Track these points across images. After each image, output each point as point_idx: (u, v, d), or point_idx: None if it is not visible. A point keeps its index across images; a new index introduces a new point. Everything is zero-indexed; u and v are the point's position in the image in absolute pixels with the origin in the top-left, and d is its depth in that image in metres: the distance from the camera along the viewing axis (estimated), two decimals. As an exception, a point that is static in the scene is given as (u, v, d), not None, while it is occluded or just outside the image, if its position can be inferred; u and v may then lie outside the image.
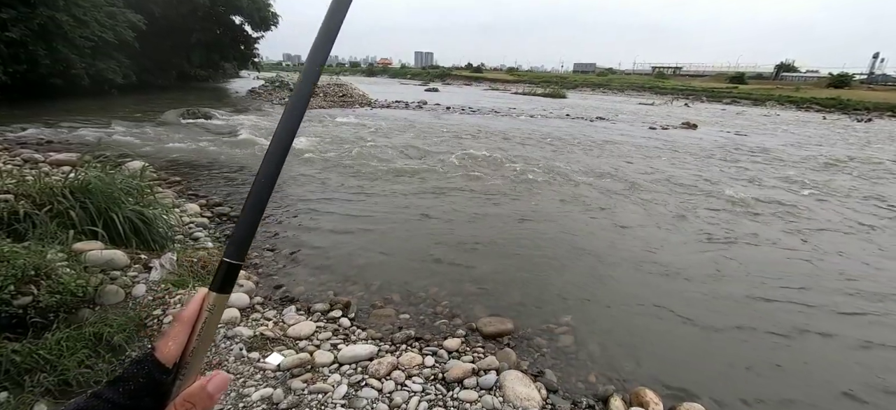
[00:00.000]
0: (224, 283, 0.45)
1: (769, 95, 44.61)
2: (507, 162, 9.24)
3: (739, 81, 59.83)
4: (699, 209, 6.73)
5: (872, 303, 4.07)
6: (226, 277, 0.45)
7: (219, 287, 0.45)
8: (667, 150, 12.28)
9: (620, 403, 2.52)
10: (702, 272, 4.52)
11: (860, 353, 3.32)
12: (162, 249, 3.64)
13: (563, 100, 37.94)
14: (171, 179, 6.44)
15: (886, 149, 15.28)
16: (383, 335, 3.02)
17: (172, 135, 10.20)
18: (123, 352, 2.42)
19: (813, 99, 41.32)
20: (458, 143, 11.49)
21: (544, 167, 8.95)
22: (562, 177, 8.23)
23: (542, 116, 21.14)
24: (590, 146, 12.33)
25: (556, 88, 47.30)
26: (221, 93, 25.24)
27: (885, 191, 8.67)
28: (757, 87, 52.73)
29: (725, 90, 50.18)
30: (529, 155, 10.32)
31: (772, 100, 42.73)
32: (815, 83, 57.75)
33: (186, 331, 0.45)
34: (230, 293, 0.46)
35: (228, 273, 0.45)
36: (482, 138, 12.77)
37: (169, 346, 0.44)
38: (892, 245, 5.65)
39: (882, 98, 40.66)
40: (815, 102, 39.95)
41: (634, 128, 18.00)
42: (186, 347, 0.45)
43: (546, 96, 40.53)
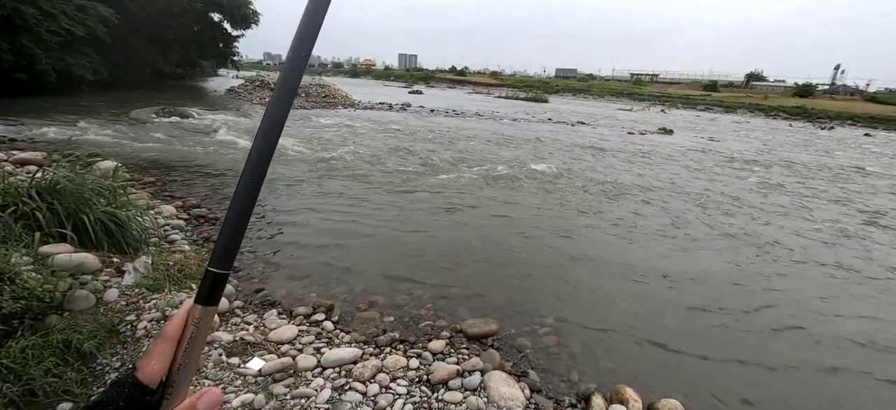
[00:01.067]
0: (210, 295, 0.43)
1: (740, 103, 46.60)
2: (490, 165, 9.32)
3: (712, 89, 62.25)
4: (676, 212, 6.95)
5: (842, 305, 4.30)
6: (212, 288, 0.43)
7: (205, 299, 0.43)
8: (644, 155, 12.64)
9: (601, 401, 2.57)
10: (678, 273, 4.67)
11: (830, 349, 3.50)
12: (136, 252, 3.51)
13: (546, 104, 38.57)
14: (146, 180, 6.21)
15: (852, 156, 16.17)
16: (367, 338, 3.00)
17: (146, 134, 9.84)
18: (94, 360, 2.32)
19: (780, 107, 43.39)
20: (442, 146, 11.52)
21: (527, 170, 9.07)
22: (544, 181, 8.36)
23: (524, 120, 21.42)
24: (571, 150, 12.57)
25: (538, 93, 48.12)
26: (199, 91, 24.53)
27: (852, 196, 9.17)
28: (729, 95, 54.98)
29: (699, 97, 52.13)
30: (512, 157, 10.44)
31: (743, 107, 44.65)
32: (782, 92, 60.68)
33: (171, 348, 0.42)
34: (217, 304, 0.44)
35: (215, 283, 0.43)
36: (466, 141, 12.83)
37: (152, 365, 0.41)
38: (861, 257, 5.98)
39: (842, 107, 43.15)
40: (783, 110, 41.96)
41: (614, 132, 18.46)
42: (172, 364, 0.42)
43: (529, 100, 41.12)
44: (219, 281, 0.43)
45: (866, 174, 12.18)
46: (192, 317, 0.43)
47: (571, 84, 69.67)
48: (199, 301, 0.43)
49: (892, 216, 7.66)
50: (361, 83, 58.19)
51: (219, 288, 0.43)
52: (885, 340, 3.65)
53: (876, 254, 5.70)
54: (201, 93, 23.28)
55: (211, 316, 0.43)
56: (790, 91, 60.12)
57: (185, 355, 0.42)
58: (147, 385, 0.40)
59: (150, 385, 0.40)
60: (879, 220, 7.33)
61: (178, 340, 0.43)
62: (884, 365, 3.31)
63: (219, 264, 0.43)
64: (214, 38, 28.01)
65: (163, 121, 11.96)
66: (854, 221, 7.18)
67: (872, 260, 5.50)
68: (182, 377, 0.42)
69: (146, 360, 0.41)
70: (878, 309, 4.22)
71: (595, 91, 59.98)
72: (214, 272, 0.43)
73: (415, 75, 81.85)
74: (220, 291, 0.44)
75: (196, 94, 22.16)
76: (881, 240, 6.31)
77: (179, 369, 0.42)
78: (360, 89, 35.94)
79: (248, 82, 24.29)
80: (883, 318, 4.03)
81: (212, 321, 0.44)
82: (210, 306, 0.43)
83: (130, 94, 17.25)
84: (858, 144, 21.74)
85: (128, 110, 12.90)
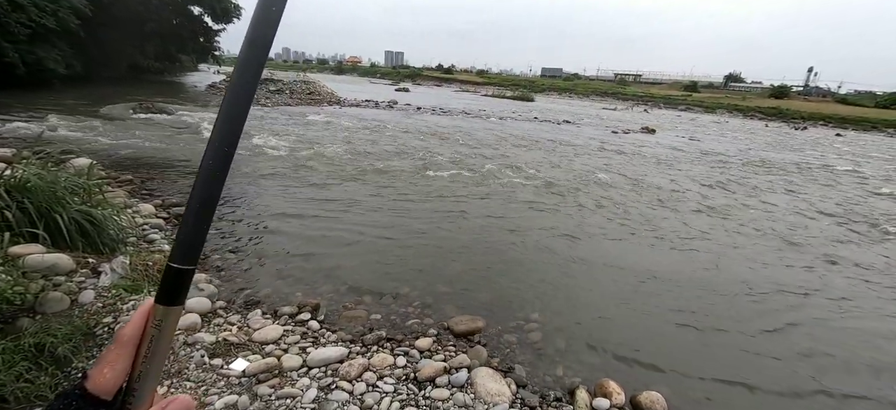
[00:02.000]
0: (173, 293, 0.38)
1: (719, 104, 47.87)
2: (477, 163, 9.35)
3: (693, 90, 63.77)
4: (658, 210, 7.11)
5: (819, 297, 4.48)
6: (174, 285, 0.38)
7: (167, 298, 0.38)
8: (628, 154, 12.88)
9: (585, 394, 2.62)
10: (660, 270, 4.78)
11: (804, 338, 3.64)
12: (113, 252, 3.41)
13: (532, 103, 38.88)
14: (122, 178, 6.02)
15: (826, 156, 16.82)
16: (354, 336, 2.98)
17: (122, 130, 9.53)
18: (69, 364, 2.25)
19: (757, 108, 44.78)
20: (429, 143, 11.50)
21: (513, 169, 9.13)
22: (529, 179, 8.43)
23: (511, 118, 21.55)
24: (556, 148, 12.71)
25: (524, 92, 48.45)
26: (178, 87, 23.86)
27: (827, 192, 9.54)
28: (708, 96, 56.42)
29: (681, 98, 53.35)
30: (499, 156, 10.50)
31: (721, 108, 45.88)
32: (758, 93, 62.63)
33: (128, 353, 0.38)
34: (183, 304, 0.39)
35: (178, 280, 0.38)
36: (452, 139, 12.84)
37: (104, 374, 0.37)
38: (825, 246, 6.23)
39: (815, 109, 44.80)
40: (759, 111, 43.32)
41: (598, 131, 18.75)
42: (132, 371, 0.38)
43: (515, 99, 41.37)
44: (182, 277, 0.39)
45: (836, 172, 12.70)
46: (153, 319, 0.38)
47: (557, 83, 70.42)
48: (161, 300, 0.38)
49: (861, 212, 8.02)
50: (347, 80, 57.54)
51: (183, 285, 0.39)
52: (856, 325, 3.83)
53: (844, 251, 5.95)
54: (181, 89, 22.66)
55: (175, 316, 0.39)
56: (766, 92, 62.11)
57: (146, 361, 0.38)
58: (98, 396, 0.36)
59: (102, 395, 0.36)
60: (842, 214, 7.66)
61: (136, 345, 0.38)
62: (869, 350, 3.47)
63: (182, 259, 0.38)
64: (195, 32, 27.24)
65: (140, 118, 11.60)
66: (818, 214, 7.48)
67: (840, 257, 5.75)
68: (144, 385, 0.38)
69: (98, 368, 0.37)
70: (860, 302, 4.41)
71: (580, 90, 60.76)
72: (176, 268, 0.38)
73: (401, 73, 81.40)
74: (184, 289, 0.39)
75: (175, 90, 21.56)
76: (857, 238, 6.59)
77: (140, 377, 0.38)
78: (345, 86, 35.55)
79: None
80: (862, 309, 4.22)
81: (176, 322, 0.40)
82: (174, 306, 0.39)
83: (105, 90, 16.67)
84: (830, 143, 22.64)
85: (102, 106, 12.45)
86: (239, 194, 6.04)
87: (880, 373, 3.28)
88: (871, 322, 4.06)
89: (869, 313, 4.23)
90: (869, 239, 6.51)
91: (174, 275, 0.38)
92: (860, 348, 3.59)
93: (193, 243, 0.39)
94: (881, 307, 4.38)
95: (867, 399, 2.99)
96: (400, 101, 25.52)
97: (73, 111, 11.21)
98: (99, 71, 19.80)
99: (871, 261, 5.60)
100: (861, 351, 3.54)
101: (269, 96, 19.70)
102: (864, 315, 4.18)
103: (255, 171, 7.29)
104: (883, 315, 4.22)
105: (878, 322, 4.07)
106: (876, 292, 4.71)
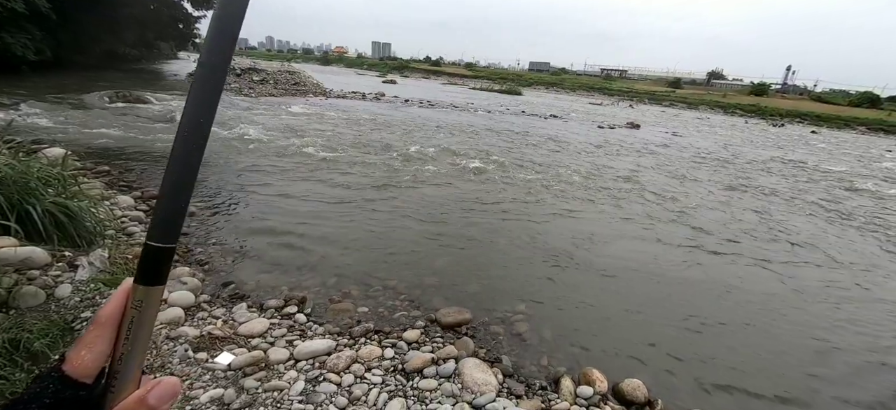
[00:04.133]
0: (154, 273, 0.37)
1: (701, 100, 48.90)
2: (463, 156, 9.36)
3: (676, 86, 64.98)
4: (641, 204, 7.26)
5: (793, 293, 4.67)
6: (153, 264, 0.37)
7: (146, 277, 0.37)
8: (613, 148, 13.08)
9: (570, 383, 2.69)
10: (642, 261, 4.90)
11: (770, 323, 3.80)
12: (90, 245, 3.31)
13: (519, 97, 38.99)
14: (99, 169, 5.82)
15: (797, 151, 17.41)
16: (342, 329, 2.98)
17: (98, 119, 9.19)
18: (46, 360, 2.18)
19: (737, 105, 45.89)
20: (416, 137, 11.45)
21: (499, 161, 9.18)
22: (516, 172, 8.49)
23: (499, 112, 21.59)
24: (543, 143, 12.81)
25: (512, 85, 48.53)
26: (156, 75, 23.10)
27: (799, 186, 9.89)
28: (691, 93, 57.53)
29: (665, 94, 54.26)
30: (485, 149, 10.53)
31: (704, 104, 46.87)
32: (739, 90, 64.21)
33: (108, 334, 0.37)
34: (163, 284, 0.38)
35: (156, 259, 0.37)
36: (440, 132, 12.81)
37: (83, 356, 0.35)
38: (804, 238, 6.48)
39: (792, 106, 46.23)
40: (739, 108, 44.41)
41: (584, 126, 18.96)
42: (114, 353, 0.37)
43: (503, 93, 41.44)
44: (162, 256, 0.37)
45: (809, 168, 13.18)
46: (133, 300, 0.37)
47: (544, 78, 70.68)
48: (140, 280, 0.37)
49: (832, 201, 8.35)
50: (333, 71, 56.59)
51: (161, 263, 0.37)
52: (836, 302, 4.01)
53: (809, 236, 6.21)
54: (160, 77, 21.94)
55: (157, 296, 0.38)
56: (747, 89, 63.70)
57: (127, 342, 0.37)
58: (76, 379, 0.35)
59: (81, 378, 0.35)
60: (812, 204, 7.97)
61: (116, 326, 0.37)
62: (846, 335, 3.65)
63: (161, 237, 0.37)
64: (174, 19, 26.38)
65: (117, 107, 11.20)
66: (798, 211, 7.77)
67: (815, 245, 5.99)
68: (127, 366, 0.37)
69: (76, 350, 0.36)
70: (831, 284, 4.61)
71: (567, 85, 61.17)
72: (155, 246, 0.37)
73: (389, 64, 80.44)
74: (165, 268, 0.38)
75: (154, 78, 20.86)
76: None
77: (122, 358, 0.37)
78: (331, 77, 34.97)
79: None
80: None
81: (158, 302, 0.38)
82: (154, 286, 0.37)
83: (79, 77, 16.02)
84: (805, 140, 23.43)
85: (77, 94, 11.97)
86: (222, 186, 5.92)
87: (858, 362, 3.45)
88: (853, 311, 4.25)
89: (853, 305, 4.43)
90: (856, 233, 6.79)
91: (153, 254, 0.37)
92: (837, 335, 3.76)
93: (172, 219, 0.38)
94: (868, 295, 4.59)
95: (843, 386, 3.14)
96: (387, 94, 25.27)
97: (46, 99, 10.75)
98: (72, 57, 19.01)
99: (856, 257, 5.85)
100: (837, 338, 3.71)
101: (253, 86, 19.25)
102: (842, 304, 4.38)
103: (239, 164, 7.14)
104: (871, 301, 4.42)
105: (866, 311, 4.27)
106: (862, 285, 4.93)
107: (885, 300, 4.60)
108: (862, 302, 4.50)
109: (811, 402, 2.94)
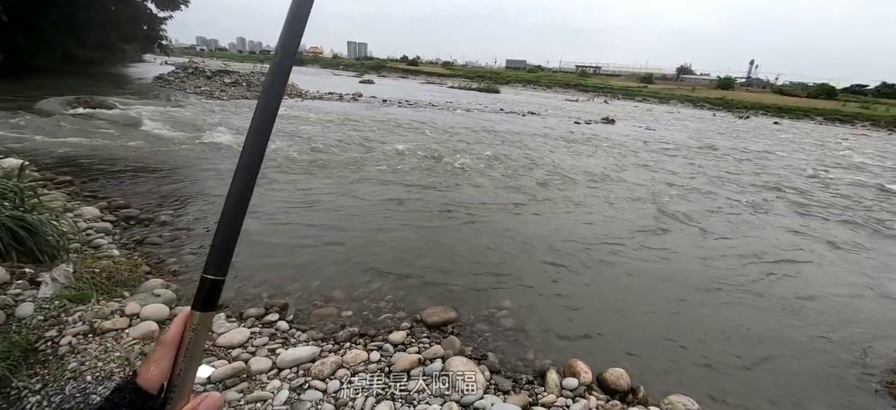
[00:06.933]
0: (207, 300, 0.45)
1: (672, 95, 50.62)
2: (443, 154, 9.36)
3: (648, 81, 67.04)
4: (621, 197, 7.45)
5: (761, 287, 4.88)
6: (208, 294, 0.45)
7: (202, 305, 0.45)
8: (590, 143, 13.36)
9: (555, 375, 2.73)
10: (620, 253, 5.02)
11: (755, 312, 3.97)
12: (53, 260, 3.13)
13: (497, 94, 39.32)
14: (60, 179, 5.50)
15: (759, 142, 18.24)
16: (326, 334, 2.93)
17: (58, 127, 8.70)
18: (8, 384, 2.05)
19: (706, 98, 47.77)
20: (394, 136, 11.37)
21: (479, 159, 9.23)
22: (496, 169, 8.56)
23: (477, 110, 21.70)
24: (520, 139, 12.96)
25: (490, 83, 48.92)
26: (120, 78, 22.05)
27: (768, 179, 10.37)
28: (662, 88, 59.49)
29: (637, 89, 55.89)
30: (465, 147, 10.56)
31: (674, 98, 48.52)
32: (707, 84, 66.81)
33: (170, 354, 0.44)
34: (215, 310, 0.46)
35: (211, 289, 0.45)
36: (419, 131, 12.76)
37: (151, 371, 0.43)
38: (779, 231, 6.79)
39: (756, 99, 48.52)
40: (707, 102, 46.24)
41: (561, 122, 19.29)
42: (173, 369, 0.44)
43: (481, 91, 41.68)
44: (214, 287, 0.45)
45: (777, 157, 13.83)
46: (190, 324, 0.44)
47: (521, 75, 71.51)
48: (197, 307, 0.45)
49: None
50: (308, 72, 55.45)
51: (215, 293, 0.45)
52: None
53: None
54: (124, 81, 20.95)
55: (208, 321, 0.45)
56: (714, 83, 66.38)
57: (185, 360, 0.44)
58: (147, 390, 0.42)
59: (150, 390, 0.42)
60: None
61: (177, 346, 0.44)
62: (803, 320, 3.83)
63: (214, 270, 0.44)
64: (137, 20, 25.19)
65: (78, 113, 10.63)
66: (771, 197, 8.16)
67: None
68: (183, 381, 0.44)
69: (145, 366, 0.43)
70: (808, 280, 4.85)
71: (544, 82, 62.11)
72: (210, 279, 0.44)
73: (366, 64, 79.53)
74: (216, 297, 0.45)
75: (118, 82, 19.90)
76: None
77: (179, 374, 0.44)
78: (307, 78, 34.26)
79: (180, 69, 22.19)
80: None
81: (209, 326, 0.46)
82: (207, 311, 0.45)
83: (36, 81, 15.10)
84: (768, 130, 24.59)
85: (33, 100, 11.29)
86: (196, 193, 5.71)
87: (835, 339, 3.64)
88: (820, 290, 4.48)
89: (818, 285, 4.67)
90: (825, 218, 7.16)
91: (209, 285, 0.44)
92: (811, 313, 3.96)
93: (226, 253, 0.45)
94: (840, 278, 4.85)
95: (820, 373, 3.31)
96: (365, 94, 24.97)
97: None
98: (29, 61, 17.89)
99: (829, 246, 6.17)
100: (811, 315, 3.91)
101: (225, 89, 18.67)
102: (809, 285, 4.61)
103: (213, 168, 6.91)
104: (837, 284, 4.68)
105: (833, 290, 4.51)
106: (839, 266, 5.21)
107: (862, 294, 4.88)
108: (848, 296, 4.75)
109: (787, 381, 3.09)
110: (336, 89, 25.75)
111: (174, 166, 6.88)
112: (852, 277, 4.98)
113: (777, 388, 2.98)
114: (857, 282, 4.83)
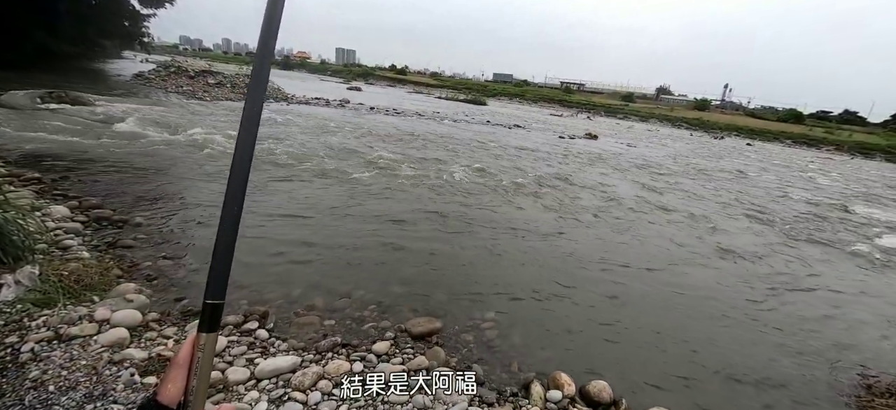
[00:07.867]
0: (212, 323, 0.49)
1: (652, 113, 52.40)
2: (430, 164, 9.38)
3: (629, 99, 69.18)
4: (603, 209, 7.59)
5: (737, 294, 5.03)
6: (212, 317, 0.49)
7: (207, 327, 0.49)
8: (574, 157, 13.63)
9: (539, 387, 2.73)
10: (604, 265, 5.10)
11: (735, 325, 4.07)
12: (17, 262, 2.96)
13: (484, 106, 39.79)
14: (28, 176, 5.24)
15: (734, 160, 19.00)
16: (307, 344, 2.85)
17: (26, 122, 8.31)
18: (-40, 393, 1.92)
19: (683, 118, 49.60)
20: (381, 144, 11.33)
21: (466, 170, 9.27)
22: (481, 181, 8.61)
23: (465, 121, 21.88)
24: (506, 151, 13.11)
25: (477, 95, 49.53)
26: (98, 75, 21.32)
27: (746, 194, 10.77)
28: (643, 106, 61.50)
29: (619, 106, 57.59)
30: (451, 158, 10.61)
31: (654, 117, 50.22)
32: (684, 105, 69.41)
33: (184, 373, 0.49)
34: (218, 331, 0.50)
35: (213, 313, 0.49)
36: (406, 140, 12.76)
37: (169, 389, 0.48)
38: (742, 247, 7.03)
39: (730, 121, 50.75)
40: (685, 121, 48.00)
41: (546, 136, 19.63)
42: (187, 386, 0.49)
43: (468, 102, 42.12)
44: (217, 310, 0.50)
45: (746, 176, 14.40)
46: (198, 345, 0.49)
47: (508, 88, 72.69)
48: (202, 329, 0.49)
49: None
50: (295, 76, 54.88)
51: (217, 315, 0.50)
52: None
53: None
54: (101, 77, 20.28)
55: (213, 341, 0.50)
56: (691, 104, 69.09)
57: (196, 379, 0.49)
58: (168, 406, 0.47)
59: (169, 405, 0.47)
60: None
61: (188, 366, 0.49)
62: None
63: (214, 295, 0.49)
64: (117, 15, 24.51)
65: (49, 108, 10.20)
66: (747, 213, 8.46)
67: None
68: (196, 398, 0.48)
69: (163, 386, 0.49)
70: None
71: (529, 96, 63.27)
72: (212, 304, 0.49)
73: (353, 71, 79.33)
74: (218, 318, 0.50)
75: (95, 78, 19.23)
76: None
77: (193, 391, 0.48)
78: (293, 83, 33.89)
79: (161, 67, 21.61)
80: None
81: (215, 346, 0.51)
82: (212, 333, 0.50)
83: (6, 77, 14.44)
84: (741, 151, 25.64)
85: (0, 93, 10.78)
86: (174, 195, 5.53)
87: (819, 355, 3.77)
88: (803, 308, 4.64)
89: (803, 302, 4.83)
90: (804, 243, 7.46)
91: (211, 309, 0.49)
92: (796, 331, 4.09)
93: (223, 277, 0.49)
94: (826, 297, 5.03)
95: (798, 386, 3.41)
96: (352, 100, 24.87)
97: (-39, 98, 9.58)
98: (0, 54, 17.10)
99: (801, 266, 6.42)
100: (795, 334, 4.04)
101: (208, 90, 18.27)
102: (794, 302, 4.78)
103: (193, 172, 6.72)
104: (825, 301, 4.85)
105: (817, 306, 4.67)
106: (814, 287, 5.41)
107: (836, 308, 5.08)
108: (840, 318, 4.93)
109: (768, 395, 3.17)
110: (323, 94, 25.56)
111: (151, 167, 6.66)
112: (846, 299, 5.18)
113: (758, 401, 3.06)
114: (851, 303, 5.03)
